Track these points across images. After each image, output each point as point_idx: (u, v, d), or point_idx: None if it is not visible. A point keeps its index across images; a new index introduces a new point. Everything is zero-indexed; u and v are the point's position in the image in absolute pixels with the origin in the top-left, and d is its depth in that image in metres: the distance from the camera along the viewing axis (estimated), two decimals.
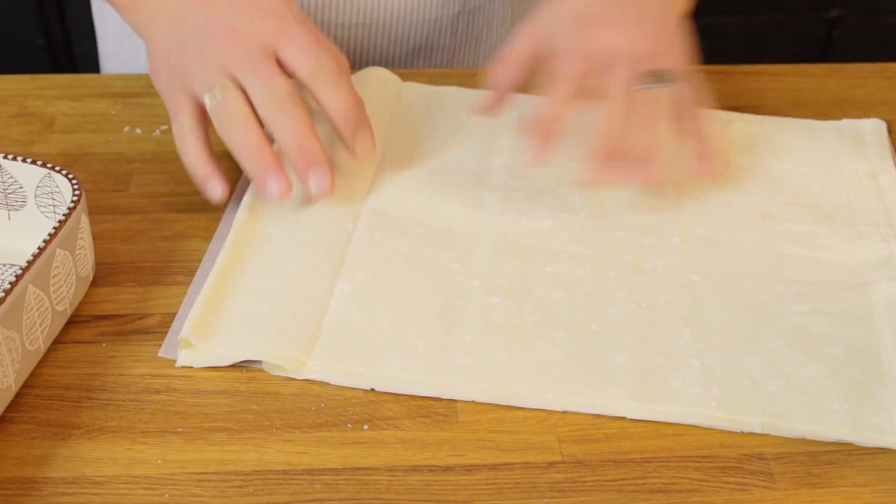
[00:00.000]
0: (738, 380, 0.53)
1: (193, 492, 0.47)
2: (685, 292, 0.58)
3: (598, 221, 0.62)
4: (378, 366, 0.53)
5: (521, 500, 0.48)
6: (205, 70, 0.58)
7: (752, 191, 0.65)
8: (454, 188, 0.64)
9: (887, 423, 0.51)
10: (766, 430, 0.51)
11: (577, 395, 0.52)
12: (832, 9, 1.83)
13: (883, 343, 0.55)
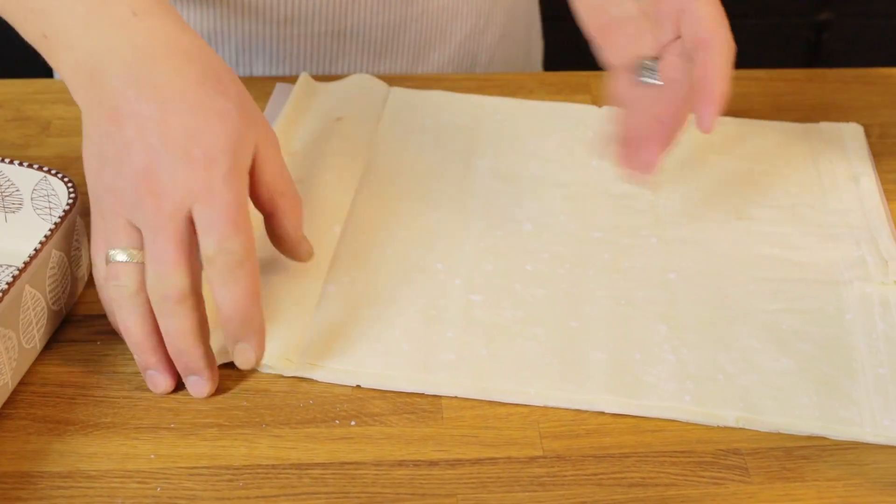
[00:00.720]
0: (712, 374, 0.54)
1: (185, 485, 0.49)
2: (662, 290, 0.59)
3: (578, 223, 0.63)
4: (363, 363, 0.54)
5: (504, 493, 0.49)
6: (113, 217, 0.51)
7: (729, 192, 0.66)
8: (438, 192, 0.65)
9: (856, 416, 0.53)
10: (739, 424, 0.52)
11: (556, 389, 0.53)
12: (822, 12, 1.84)
13: (853, 340, 0.57)
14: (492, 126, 0.71)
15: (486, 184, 0.66)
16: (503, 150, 0.69)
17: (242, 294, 0.51)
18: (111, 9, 0.53)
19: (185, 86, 0.52)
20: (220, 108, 0.52)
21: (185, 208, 0.50)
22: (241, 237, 0.50)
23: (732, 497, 0.49)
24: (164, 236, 0.50)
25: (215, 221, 0.50)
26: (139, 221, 0.51)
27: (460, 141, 0.70)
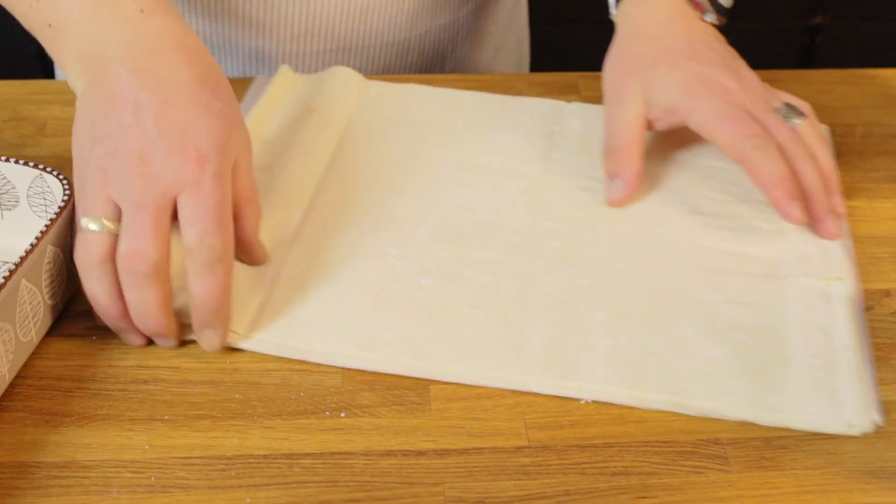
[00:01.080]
0: (645, 360, 0.56)
1: (178, 475, 0.50)
2: (606, 279, 0.61)
3: (532, 214, 0.66)
4: (308, 340, 0.56)
5: (490, 482, 0.50)
6: (95, 192, 0.53)
7: (683, 186, 0.68)
8: (401, 181, 0.67)
9: (781, 403, 0.54)
10: (668, 408, 0.54)
11: (490, 370, 0.55)
12: (816, 16, 1.86)
13: (790, 331, 0.58)
14: (461, 119, 0.73)
15: (448, 175, 0.68)
16: (469, 143, 0.71)
17: (217, 287, 0.53)
18: (119, 4, 0.56)
19: (186, 82, 0.54)
20: (215, 109, 0.54)
21: (172, 194, 0.52)
22: (222, 234, 0.53)
23: (712, 485, 0.51)
24: (146, 213, 0.52)
25: (201, 215, 0.52)
26: (122, 198, 0.52)
27: (429, 133, 0.72)
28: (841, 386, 0.55)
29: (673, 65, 0.67)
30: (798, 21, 1.83)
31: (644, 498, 0.50)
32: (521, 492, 0.50)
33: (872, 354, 0.57)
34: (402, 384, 0.55)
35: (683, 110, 0.66)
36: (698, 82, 0.66)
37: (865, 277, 0.63)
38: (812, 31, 1.87)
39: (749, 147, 0.63)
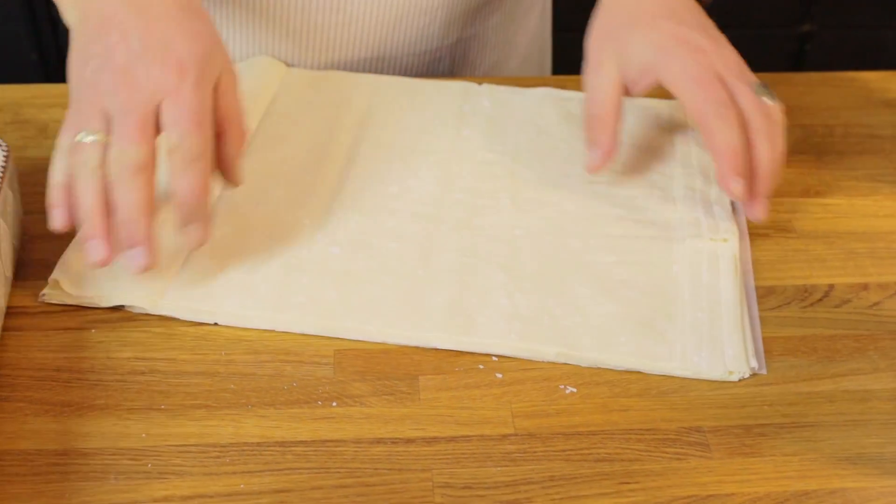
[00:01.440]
0: (539, 316, 0.59)
1: (175, 462, 0.52)
2: (506, 244, 0.64)
3: (441, 186, 0.69)
4: (222, 304, 0.59)
5: (477, 468, 0.52)
6: (88, 106, 0.57)
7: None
8: (317, 158, 0.70)
9: (667, 353, 0.57)
10: (559, 359, 0.57)
11: (394, 328, 0.58)
12: (805, 24, 1.88)
13: (678, 288, 0.61)
14: (378, 102, 0.76)
15: (363, 151, 0.71)
16: (382, 122, 0.74)
17: (197, 183, 0.57)
18: None
19: (169, 7, 0.60)
20: (196, 29, 0.60)
21: (155, 101, 0.57)
22: (201, 135, 0.57)
23: (693, 471, 0.52)
24: (132, 117, 0.56)
25: (180, 118, 0.57)
26: (112, 107, 0.57)
27: (347, 114, 0.75)
28: (723, 337, 0.58)
29: (649, 25, 0.67)
30: (788, 29, 1.85)
31: (627, 483, 0.51)
32: (508, 477, 0.51)
33: (758, 309, 0.61)
34: (393, 374, 0.57)
35: (656, 68, 0.66)
36: (673, 41, 0.66)
37: (845, 272, 0.65)
38: (801, 39, 1.89)
39: (711, 112, 0.63)
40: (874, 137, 0.77)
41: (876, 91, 0.82)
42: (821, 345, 0.59)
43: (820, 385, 0.57)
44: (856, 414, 0.55)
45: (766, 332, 0.60)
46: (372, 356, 0.58)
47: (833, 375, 0.58)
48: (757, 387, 0.57)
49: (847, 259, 0.65)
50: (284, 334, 0.59)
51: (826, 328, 0.61)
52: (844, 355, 0.59)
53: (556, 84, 0.80)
